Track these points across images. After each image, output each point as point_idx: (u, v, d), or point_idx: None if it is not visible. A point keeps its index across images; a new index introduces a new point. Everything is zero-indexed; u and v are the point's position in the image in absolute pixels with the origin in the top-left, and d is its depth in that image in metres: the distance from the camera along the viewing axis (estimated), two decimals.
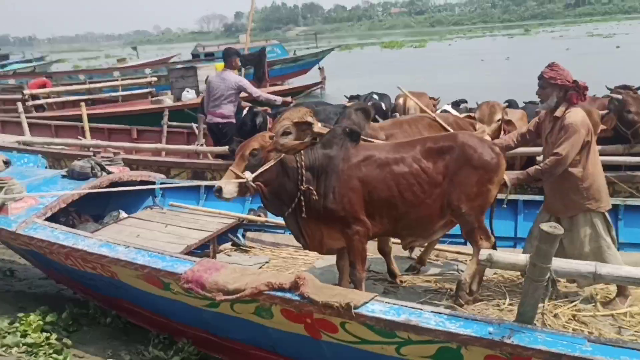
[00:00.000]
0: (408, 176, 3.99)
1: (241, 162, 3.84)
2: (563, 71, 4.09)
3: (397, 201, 4.00)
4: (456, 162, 4.04)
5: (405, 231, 4.20)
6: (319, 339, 3.55)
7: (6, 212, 4.59)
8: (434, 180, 4.03)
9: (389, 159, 4.03)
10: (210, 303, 3.84)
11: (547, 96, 4.13)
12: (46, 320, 4.25)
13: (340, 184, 3.91)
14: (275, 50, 25.48)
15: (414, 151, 4.08)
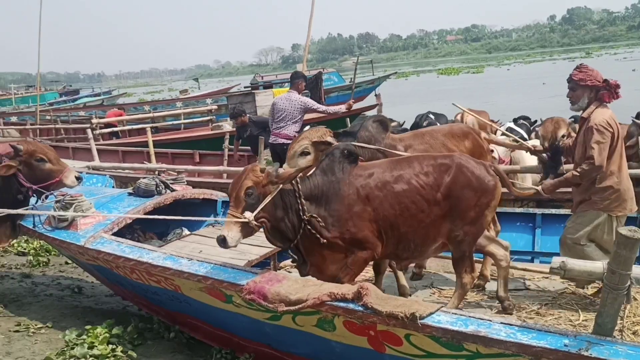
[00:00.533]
0: (409, 193, 3.86)
1: (238, 205, 3.66)
2: (592, 71, 4.08)
3: (399, 220, 3.86)
4: (456, 183, 3.92)
5: (405, 253, 4.03)
6: (383, 353, 3.45)
7: (76, 227, 4.75)
8: (434, 198, 3.90)
9: (388, 177, 3.90)
10: (272, 316, 3.82)
11: (578, 98, 4.13)
12: (112, 332, 4.32)
13: (345, 208, 3.79)
14: (332, 77, 25.73)
15: (413, 168, 3.96)
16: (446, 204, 3.90)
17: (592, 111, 4.09)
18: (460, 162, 4.00)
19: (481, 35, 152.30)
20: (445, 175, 3.92)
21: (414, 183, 3.87)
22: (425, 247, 4.04)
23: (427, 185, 3.88)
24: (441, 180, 3.91)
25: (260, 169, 3.72)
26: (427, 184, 3.88)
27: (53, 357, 4.00)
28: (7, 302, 5.21)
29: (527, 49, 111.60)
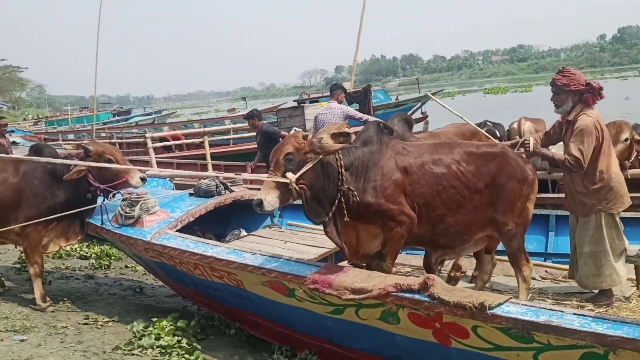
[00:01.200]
0: (448, 177, 3.89)
1: (277, 170, 3.58)
2: (575, 75, 4.16)
3: (436, 201, 3.87)
4: (502, 174, 3.96)
5: (442, 238, 4.00)
6: (449, 346, 3.42)
7: (141, 224, 4.91)
8: (475, 186, 3.93)
9: (428, 157, 3.93)
10: (335, 309, 3.84)
11: (563, 102, 4.21)
12: (177, 325, 4.42)
13: (383, 177, 3.77)
14: (378, 95, 25.75)
15: (454, 153, 3.99)
16: (490, 192, 3.95)
17: (577, 114, 4.16)
18: (505, 151, 4.07)
19: (528, 56, 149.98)
20: (490, 164, 3.98)
21: (453, 168, 3.90)
22: (467, 235, 4.04)
23: (469, 173, 3.92)
24: (485, 169, 3.96)
25: (303, 136, 3.68)
26: (468, 171, 3.92)
27: (122, 346, 4.12)
28: (74, 299, 5.40)
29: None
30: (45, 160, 4.52)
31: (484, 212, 3.98)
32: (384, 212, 3.75)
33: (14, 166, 4.87)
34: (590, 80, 4.23)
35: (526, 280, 4.06)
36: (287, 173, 3.54)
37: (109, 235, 5.17)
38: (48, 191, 4.87)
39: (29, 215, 4.79)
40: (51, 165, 4.88)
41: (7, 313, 4.63)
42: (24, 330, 4.20)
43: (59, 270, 6.68)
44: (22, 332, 4.15)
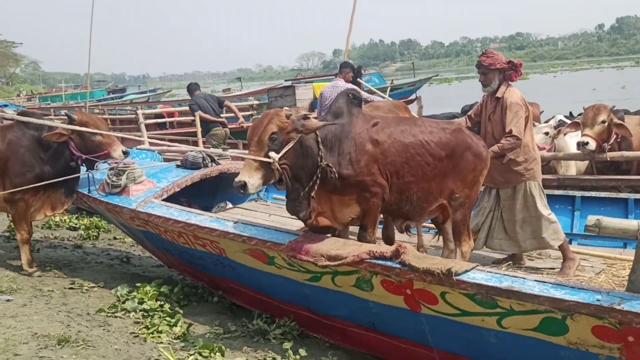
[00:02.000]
0: (415, 145, 3.99)
1: (260, 149, 3.55)
2: (498, 55, 4.50)
3: (404, 169, 3.96)
4: (460, 146, 4.13)
5: (406, 206, 4.07)
6: (419, 312, 3.56)
7: (128, 193, 5.02)
8: (438, 155, 4.06)
9: (395, 128, 4.03)
10: (312, 277, 3.98)
11: (490, 81, 4.48)
12: (160, 291, 4.56)
13: (356, 148, 3.81)
14: (373, 79, 25.69)
15: (418, 125, 4.14)
16: (449, 162, 4.09)
17: (504, 91, 4.45)
18: (461, 128, 4.30)
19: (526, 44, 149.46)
20: (449, 136, 4.13)
21: (419, 137, 4.02)
22: (426, 204, 4.14)
23: (432, 142, 4.05)
24: (446, 140, 4.10)
25: (286, 115, 3.64)
26: (432, 140, 4.05)
27: (106, 309, 4.26)
28: (61, 266, 5.52)
29: (574, 58, 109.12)
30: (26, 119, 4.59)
31: (441, 181, 4.11)
32: (360, 183, 3.81)
33: (1, 134, 4.95)
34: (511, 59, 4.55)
35: (464, 256, 4.17)
36: (270, 152, 3.51)
37: (95, 204, 5.28)
38: (35, 160, 4.95)
39: (16, 183, 4.88)
40: (37, 134, 4.96)
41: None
42: (10, 291, 4.32)
43: (48, 239, 6.79)
44: (9, 293, 4.27)
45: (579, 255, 4.61)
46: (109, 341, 3.60)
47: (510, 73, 4.45)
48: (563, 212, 5.43)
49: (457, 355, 3.58)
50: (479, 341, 3.40)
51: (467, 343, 3.48)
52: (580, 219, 5.32)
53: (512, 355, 3.33)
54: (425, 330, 3.62)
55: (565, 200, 5.55)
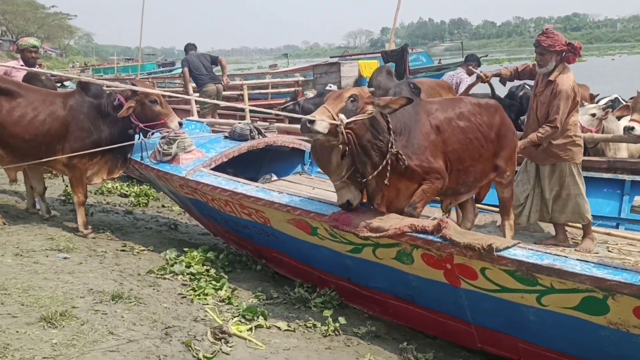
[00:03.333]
0: (471, 129, 4.06)
1: (337, 103, 3.54)
2: (558, 36, 4.41)
3: (464, 154, 4.04)
4: (503, 125, 4.25)
5: (462, 187, 4.20)
6: (458, 287, 3.61)
7: (178, 161, 5.20)
8: (489, 136, 4.15)
9: (452, 113, 4.05)
10: (354, 248, 4.06)
11: (547, 62, 4.42)
12: (207, 256, 4.73)
13: (422, 138, 3.84)
14: (421, 58, 25.38)
15: (467, 106, 4.15)
16: (497, 142, 4.21)
17: (558, 75, 4.41)
18: (499, 106, 4.39)
19: (582, 25, 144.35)
20: (495, 116, 4.23)
21: (473, 120, 4.09)
22: (478, 183, 4.30)
23: (484, 124, 4.12)
24: (493, 120, 4.20)
25: (370, 90, 3.87)
26: (483, 122, 4.12)
27: (155, 270, 4.46)
28: (113, 230, 5.76)
29: (633, 41, 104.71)
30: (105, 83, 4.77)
31: (492, 160, 4.25)
32: (426, 171, 3.82)
33: (63, 100, 5.17)
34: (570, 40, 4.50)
35: (512, 228, 4.42)
36: (340, 114, 3.49)
37: (147, 171, 5.48)
38: (93, 126, 5.17)
39: (75, 148, 5.10)
40: (97, 101, 5.17)
41: (53, 235, 5.01)
42: (67, 250, 4.56)
43: (101, 204, 7.07)
44: (66, 252, 4.51)
45: (626, 239, 4.57)
46: (159, 300, 3.78)
47: (568, 55, 4.39)
48: (611, 196, 5.36)
49: (496, 331, 3.62)
50: (517, 318, 3.42)
51: (506, 319, 3.51)
52: (629, 203, 5.23)
53: (551, 333, 3.35)
54: (464, 305, 3.67)
55: (615, 184, 5.46)
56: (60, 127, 5.08)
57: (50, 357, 2.66)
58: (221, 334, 3.29)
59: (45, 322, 3.00)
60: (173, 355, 2.94)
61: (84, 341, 2.87)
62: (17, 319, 3.03)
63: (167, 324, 3.34)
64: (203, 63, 10.22)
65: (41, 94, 5.20)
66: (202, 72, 10.17)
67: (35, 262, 4.10)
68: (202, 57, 10.49)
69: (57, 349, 2.74)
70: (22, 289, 3.46)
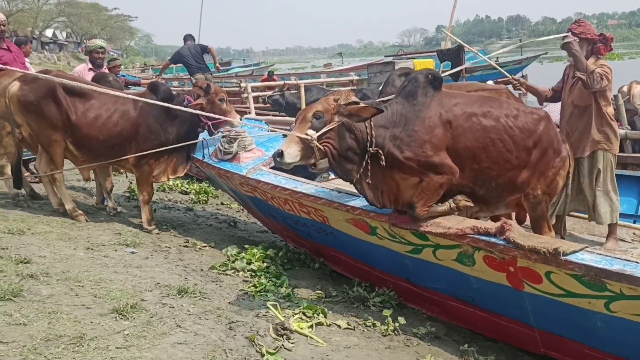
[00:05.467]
0: (497, 129, 3.80)
1: (303, 125, 3.59)
2: (589, 25, 4.39)
3: (482, 154, 3.78)
4: (545, 137, 3.94)
5: (481, 190, 3.89)
6: (521, 290, 3.55)
7: (238, 160, 5.31)
8: (524, 144, 3.87)
9: (477, 110, 3.82)
10: (413, 249, 4.05)
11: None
12: (267, 253, 4.82)
13: (424, 130, 3.68)
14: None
15: (502, 108, 3.91)
16: (533, 152, 3.92)
17: (593, 62, 4.39)
18: (549, 117, 4.07)
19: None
20: (538, 125, 3.96)
21: (502, 122, 3.84)
22: (505, 193, 3.97)
23: (517, 128, 3.87)
24: (534, 128, 3.93)
25: (334, 99, 3.66)
26: (517, 126, 3.87)
27: (217, 266, 4.58)
28: (175, 226, 5.94)
29: None
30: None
31: (522, 171, 3.94)
32: (422, 164, 3.70)
33: (134, 102, 5.36)
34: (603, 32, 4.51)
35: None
36: (308, 130, 3.56)
37: (208, 169, 5.62)
38: (161, 127, 5.33)
39: (144, 148, 5.27)
40: None
41: (120, 230, 5.21)
42: (134, 245, 4.73)
43: (163, 201, 7.30)
44: (133, 247, 4.68)
45: None
46: (222, 295, 3.88)
47: (599, 46, 4.38)
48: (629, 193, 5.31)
49: (560, 337, 3.55)
50: (584, 324, 3.34)
51: (571, 325, 3.43)
52: None
53: (618, 340, 3.26)
54: (527, 308, 3.60)
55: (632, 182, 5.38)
56: (131, 127, 5.26)
57: (122, 348, 2.77)
58: (283, 330, 3.35)
59: (117, 314, 3.13)
60: (237, 350, 3.01)
61: (154, 333, 2.97)
62: (90, 310, 3.17)
63: (231, 318, 3.43)
64: (192, 54, 10.77)
65: (113, 95, 5.40)
66: (192, 63, 10.77)
67: (105, 255, 4.28)
68: (194, 47, 11.00)
69: (129, 340, 2.85)
70: (94, 282, 3.62)
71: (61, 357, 2.57)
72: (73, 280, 3.58)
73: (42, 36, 62.73)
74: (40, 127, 5.16)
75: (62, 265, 3.82)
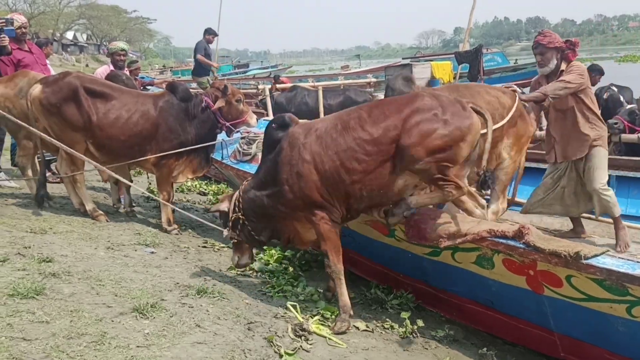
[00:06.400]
0: (349, 142, 3.61)
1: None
2: (554, 35, 4.40)
3: (342, 173, 3.62)
4: (416, 114, 3.54)
5: (362, 205, 3.78)
6: (541, 294, 3.53)
7: (257, 161, 5.31)
8: (383, 140, 3.57)
9: (328, 130, 3.70)
10: (432, 251, 4.04)
11: (548, 60, 4.39)
12: (284, 255, 4.84)
13: (290, 172, 3.69)
14: (496, 58, 24.80)
15: (358, 113, 3.70)
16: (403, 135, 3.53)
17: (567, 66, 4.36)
18: (421, 94, 3.71)
19: None
20: (404, 109, 3.60)
21: (353, 133, 3.63)
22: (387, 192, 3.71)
23: (376, 127, 3.60)
24: (398, 116, 3.59)
25: None
26: (375, 126, 3.61)
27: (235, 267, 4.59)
28: (194, 227, 5.98)
29: None
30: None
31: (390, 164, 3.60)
32: (301, 207, 3.75)
33: (153, 101, 5.40)
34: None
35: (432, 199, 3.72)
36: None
37: (227, 170, 5.66)
38: (181, 127, 5.37)
39: (164, 148, 5.31)
40: (185, 104, 5.37)
41: (140, 230, 5.26)
42: (153, 245, 4.77)
43: (181, 202, 7.34)
44: (152, 246, 4.72)
45: None
46: (240, 296, 3.90)
47: (567, 53, 4.39)
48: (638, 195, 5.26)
49: (581, 341, 3.52)
50: (605, 328, 3.31)
51: (592, 329, 3.41)
52: None
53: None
54: (547, 312, 3.58)
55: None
56: (151, 127, 5.29)
57: (143, 346, 2.80)
58: (301, 331, 3.36)
59: (137, 313, 3.16)
60: (256, 350, 3.03)
61: (174, 332, 3.00)
62: (111, 308, 3.20)
63: (250, 319, 3.44)
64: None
65: (132, 95, 5.44)
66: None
67: (125, 255, 4.32)
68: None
69: (149, 339, 2.88)
70: (115, 281, 3.66)
71: (83, 355, 2.61)
72: (94, 279, 3.62)
73: (63, 38, 63.51)
74: (62, 128, 5.22)
75: (83, 265, 3.87)
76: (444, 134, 3.47)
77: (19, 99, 5.47)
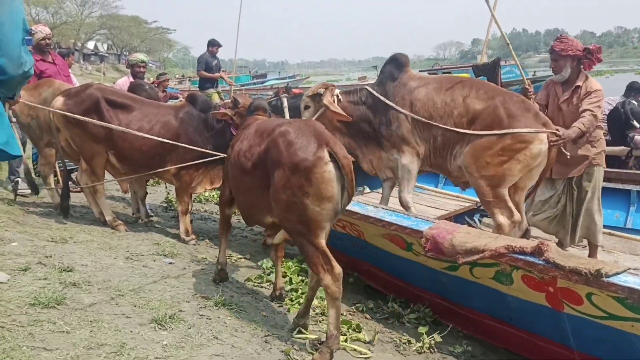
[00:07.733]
0: (238, 158, 3.70)
1: None
2: (572, 41, 4.27)
3: (238, 186, 3.85)
4: (267, 153, 3.33)
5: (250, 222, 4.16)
6: (561, 311, 3.48)
7: None
8: (248, 167, 3.55)
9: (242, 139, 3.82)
10: (450, 266, 4.01)
11: (561, 68, 4.34)
12: (302, 267, 4.84)
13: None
14: (514, 70, 24.61)
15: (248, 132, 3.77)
16: (262, 175, 3.40)
17: (584, 80, 4.34)
18: (281, 129, 3.28)
19: None
20: (262, 143, 3.43)
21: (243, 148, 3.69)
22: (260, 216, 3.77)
23: (249, 153, 3.57)
24: (258, 149, 3.47)
25: None
26: (250, 151, 3.58)
27: (253, 279, 4.62)
28: (212, 237, 6.01)
29: None
30: None
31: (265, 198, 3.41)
32: None
33: (174, 112, 5.46)
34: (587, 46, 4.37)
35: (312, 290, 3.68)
36: None
37: None
38: (201, 138, 5.42)
39: (184, 159, 5.37)
40: (204, 115, 5.42)
41: (158, 240, 5.30)
42: (172, 255, 4.81)
43: (199, 212, 7.40)
44: (170, 257, 4.76)
45: None
46: (257, 308, 3.91)
47: (585, 62, 4.29)
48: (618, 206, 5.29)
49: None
50: (626, 348, 3.26)
51: (613, 348, 3.35)
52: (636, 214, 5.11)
53: None
54: (567, 330, 3.53)
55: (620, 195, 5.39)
56: (172, 138, 5.32)
57: (161, 358, 2.81)
58: (319, 345, 3.36)
59: (156, 324, 3.18)
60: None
61: (192, 344, 3.02)
62: (130, 319, 3.23)
63: (267, 331, 3.45)
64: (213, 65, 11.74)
65: (153, 106, 5.51)
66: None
67: (144, 265, 4.36)
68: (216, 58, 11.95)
69: (167, 350, 2.90)
70: (134, 291, 3.69)
71: None
72: (113, 289, 3.66)
73: (84, 48, 64.45)
74: (83, 140, 5.30)
75: (103, 274, 3.91)
76: None
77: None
